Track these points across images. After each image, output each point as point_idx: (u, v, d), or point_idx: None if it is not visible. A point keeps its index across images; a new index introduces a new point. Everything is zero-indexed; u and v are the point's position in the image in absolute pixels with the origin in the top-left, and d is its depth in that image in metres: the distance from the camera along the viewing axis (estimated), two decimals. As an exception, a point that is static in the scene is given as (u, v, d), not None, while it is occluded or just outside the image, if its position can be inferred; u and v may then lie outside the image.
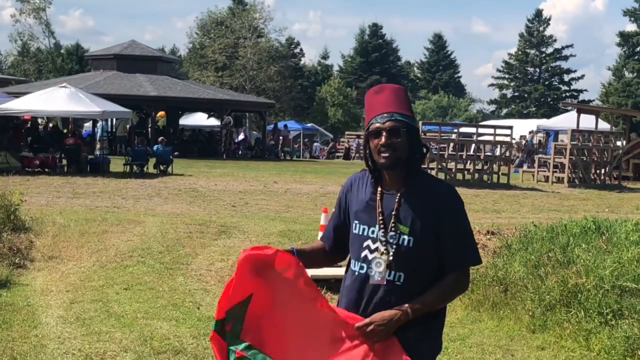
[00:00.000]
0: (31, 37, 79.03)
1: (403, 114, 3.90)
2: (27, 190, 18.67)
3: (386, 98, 3.95)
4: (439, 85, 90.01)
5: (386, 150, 3.85)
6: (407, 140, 3.88)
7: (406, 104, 3.96)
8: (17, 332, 8.38)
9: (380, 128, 3.87)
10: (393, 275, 3.86)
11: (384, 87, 4.05)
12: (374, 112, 3.93)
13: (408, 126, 3.89)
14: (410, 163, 3.92)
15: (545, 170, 32.00)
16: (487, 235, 13.68)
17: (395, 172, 3.92)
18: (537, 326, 8.99)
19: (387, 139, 3.84)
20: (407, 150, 3.88)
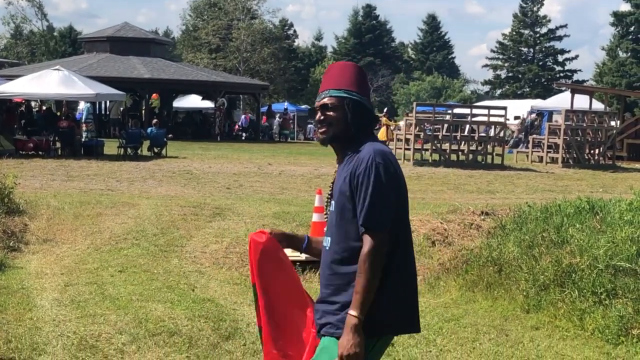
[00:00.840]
0: (24, 19, 78.91)
1: (343, 90, 3.96)
2: (21, 173, 18.63)
3: (330, 76, 4.05)
4: (432, 66, 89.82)
5: (321, 126, 3.99)
6: (343, 114, 3.93)
7: (351, 80, 4.00)
8: (12, 315, 8.38)
9: (316, 106, 4.02)
10: (326, 241, 4.02)
11: (332, 65, 4.17)
12: (319, 90, 4.07)
13: (346, 100, 3.94)
14: (345, 137, 3.99)
15: (540, 151, 32.04)
16: (482, 215, 13.70)
17: (337, 147, 4.05)
18: (532, 306, 9.01)
19: (320, 114, 3.98)
20: (344, 124, 3.94)
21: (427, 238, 12.60)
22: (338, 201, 3.92)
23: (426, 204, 17.02)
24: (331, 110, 3.94)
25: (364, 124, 4.00)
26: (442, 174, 24.40)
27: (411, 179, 22.78)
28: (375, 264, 3.78)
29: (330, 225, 3.99)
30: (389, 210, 3.83)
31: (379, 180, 3.82)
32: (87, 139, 29.28)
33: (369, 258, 3.77)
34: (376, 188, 3.81)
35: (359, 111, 3.96)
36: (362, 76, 4.08)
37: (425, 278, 10.96)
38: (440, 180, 22.61)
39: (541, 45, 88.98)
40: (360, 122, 3.96)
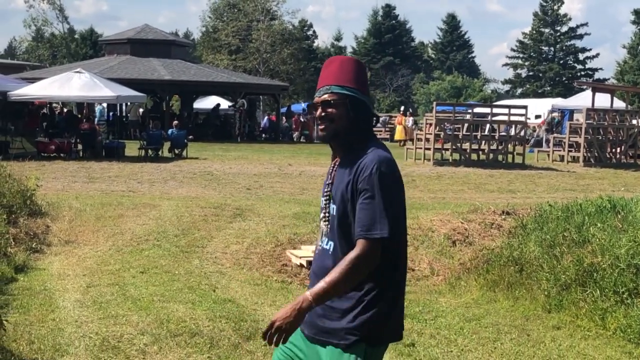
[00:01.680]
0: (45, 22, 79.27)
1: (344, 87, 3.88)
2: (43, 175, 18.75)
3: (331, 71, 3.95)
4: (452, 65, 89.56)
5: (322, 123, 3.90)
6: (345, 111, 3.86)
7: (353, 76, 3.93)
8: (35, 316, 8.43)
9: (316, 102, 3.93)
10: (327, 243, 3.93)
11: (333, 60, 4.05)
12: (318, 86, 3.97)
13: (348, 97, 3.87)
14: (348, 135, 3.89)
15: (561, 150, 31.90)
16: (502, 215, 13.67)
17: (337, 144, 3.95)
18: (553, 306, 8.99)
19: (321, 111, 3.88)
20: (346, 121, 3.86)
21: (447, 238, 12.58)
22: (340, 206, 3.84)
23: (447, 203, 17.00)
24: (333, 106, 3.87)
25: (365, 123, 3.94)
26: (463, 174, 24.35)
27: (431, 178, 22.75)
28: (357, 271, 3.71)
29: (332, 229, 3.89)
30: (387, 222, 3.72)
31: (382, 190, 3.74)
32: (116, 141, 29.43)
33: (354, 262, 3.69)
34: (378, 198, 3.73)
35: (361, 109, 3.90)
36: (363, 73, 4.01)
37: (446, 278, 10.96)
38: (460, 180, 22.56)
39: (562, 43, 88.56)
40: (361, 121, 3.91)
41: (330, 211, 3.91)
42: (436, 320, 8.79)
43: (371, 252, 3.71)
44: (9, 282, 9.94)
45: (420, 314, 9.03)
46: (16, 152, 25.79)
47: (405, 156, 29.88)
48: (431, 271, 11.37)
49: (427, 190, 20.31)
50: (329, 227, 3.92)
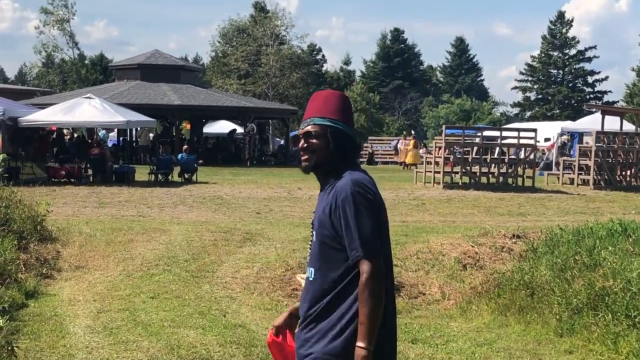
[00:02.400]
0: (55, 48, 79.63)
1: (325, 118, 3.97)
2: (53, 201, 18.79)
3: (314, 105, 4.06)
4: (461, 88, 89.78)
5: (304, 154, 4.00)
6: (326, 142, 3.95)
7: (335, 108, 4.02)
8: (46, 342, 8.43)
9: (299, 134, 4.05)
10: (310, 272, 3.97)
11: (318, 94, 4.15)
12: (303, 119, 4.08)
13: (329, 128, 3.96)
14: (329, 165, 3.98)
15: (571, 173, 31.83)
16: (513, 238, 13.64)
17: (320, 175, 4.03)
18: (565, 330, 8.94)
19: (303, 142, 4.00)
20: (327, 152, 3.95)
21: (458, 261, 12.55)
22: (318, 232, 3.91)
23: (457, 227, 16.98)
24: (314, 137, 3.96)
25: (346, 153, 4.01)
26: (473, 197, 24.31)
27: (441, 202, 22.72)
28: (377, 291, 3.76)
29: (313, 256, 3.96)
30: (377, 235, 3.82)
31: (359, 208, 3.81)
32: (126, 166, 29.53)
33: (370, 285, 3.74)
34: (359, 217, 3.80)
35: (342, 140, 3.98)
36: (347, 105, 4.10)
37: (457, 302, 10.91)
38: (470, 203, 22.53)
39: (570, 66, 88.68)
40: (342, 151, 3.98)
41: (313, 239, 3.98)
42: (447, 344, 8.76)
43: (376, 270, 3.77)
44: (20, 308, 9.94)
45: (432, 338, 9.00)
46: (26, 178, 25.85)
47: (415, 179, 29.86)
48: (442, 295, 11.34)
49: (437, 213, 20.29)
50: (310, 255, 4.00)
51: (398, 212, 20.27)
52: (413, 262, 12.87)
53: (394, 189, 26.41)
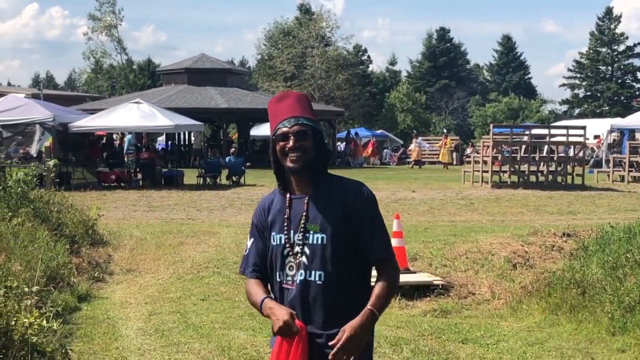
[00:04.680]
0: (104, 54, 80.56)
1: (309, 118, 3.95)
2: (104, 205, 19.01)
3: (290, 104, 3.99)
4: (509, 87, 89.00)
5: (294, 153, 3.89)
6: (313, 142, 3.92)
7: (310, 110, 4.03)
8: (99, 345, 8.53)
9: (287, 132, 3.91)
10: (310, 275, 3.88)
11: (286, 94, 4.10)
12: (279, 118, 3.97)
13: (314, 129, 3.95)
14: (316, 165, 3.96)
15: (621, 170, 31.47)
16: (563, 237, 13.53)
17: (302, 176, 3.95)
18: (617, 328, 8.84)
19: (295, 142, 3.88)
20: (313, 152, 3.92)
21: (508, 261, 12.48)
22: (332, 233, 3.86)
23: (506, 226, 16.87)
24: (306, 137, 3.91)
25: (327, 154, 4.09)
26: (522, 196, 24.13)
27: (490, 201, 22.59)
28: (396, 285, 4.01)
29: (318, 258, 3.88)
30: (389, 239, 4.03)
31: (378, 209, 3.97)
32: (175, 170, 29.83)
33: (398, 278, 4.05)
34: (380, 217, 3.96)
35: (323, 141, 4.02)
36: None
37: (508, 301, 10.85)
38: (519, 202, 22.36)
39: (619, 62, 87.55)
40: (325, 152, 4.03)
41: (313, 241, 3.89)
42: (498, 344, 8.71)
43: (398, 269, 4.07)
44: (73, 311, 10.07)
45: (482, 338, 8.96)
46: (77, 183, 26.20)
47: (463, 179, 29.72)
48: (492, 295, 11.28)
49: (485, 213, 20.17)
50: (307, 258, 3.88)
51: (446, 211, 20.20)
52: (462, 262, 12.82)
53: (442, 189, 26.32)
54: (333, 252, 3.85)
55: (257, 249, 4.11)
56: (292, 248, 3.92)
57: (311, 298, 3.87)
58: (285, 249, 3.93)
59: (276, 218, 4.01)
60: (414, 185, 27.47)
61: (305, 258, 3.89)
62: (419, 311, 10.57)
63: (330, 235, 3.86)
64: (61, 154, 26.25)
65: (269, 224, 4.04)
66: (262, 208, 4.13)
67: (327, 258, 3.86)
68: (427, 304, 10.88)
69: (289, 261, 3.93)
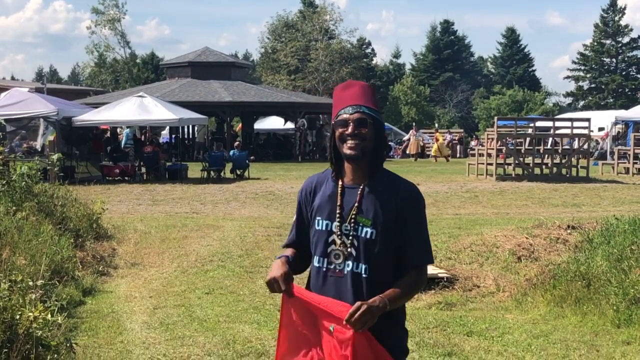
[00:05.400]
0: (107, 48, 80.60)
1: (370, 108, 3.95)
2: (108, 199, 19.01)
3: (355, 93, 3.99)
4: (513, 79, 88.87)
5: (353, 140, 3.87)
6: (373, 133, 3.92)
7: (373, 100, 4.02)
8: (103, 338, 8.54)
9: (347, 118, 3.90)
10: (357, 267, 3.87)
11: (352, 83, 4.10)
12: (342, 105, 3.98)
13: (375, 120, 3.94)
14: (374, 157, 3.95)
15: (626, 162, 31.42)
16: (568, 229, 13.51)
17: (358, 165, 3.93)
18: (622, 321, 8.83)
19: (354, 128, 3.87)
20: (373, 143, 3.91)
21: (512, 253, 12.46)
22: (380, 230, 3.86)
23: (510, 219, 16.85)
24: (366, 126, 3.91)
25: (385, 147, 4.10)
26: (526, 188, 24.10)
27: (494, 194, 22.56)
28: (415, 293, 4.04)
29: (363, 252, 3.87)
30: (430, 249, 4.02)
31: (425, 219, 3.96)
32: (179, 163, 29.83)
33: (418, 289, 3.99)
34: (425, 223, 3.95)
35: (383, 133, 4.02)
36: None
37: (512, 294, 10.84)
38: (524, 195, 22.33)
39: (624, 54, 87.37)
40: (384, 144, 4.05)
41: (360, 234, 3.88)
42: (503, 337, 8.70)
43: (425, 278, 4.03)
44: (78, 305, 10.08)
45: (487, 330, 8.95)
46: (81, 177, 26.18)
47: (467, 172, 29.69)
48: (497, 287, 11.26)
49: (490, 205, 20.15)
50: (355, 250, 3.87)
51: (451, 204, 20.18)
52: (467, 254, 12.81)
53: (446, 182, 26.29)
54: (380, 248, 3.85)
55: (297, 227, 4.17)
56: (340, 237, 3.90)
57: (358, 289, 3.86)
58: (331, 237, 3.92)
59: (324, 203, 3.99)
60: (418, 178, 27.43)
61: (354, 250, 3.87)
62: (423, 304, 10.57)
63: (380, 232, 3.85)
64: (65, 148, 26.26)
65: (314, 208, 4.03)
66: (310, 188, 4.15)
67: (374, 253, 3.85)
68: (431, 297, 10.87)
69: (334, 249, 3.92)
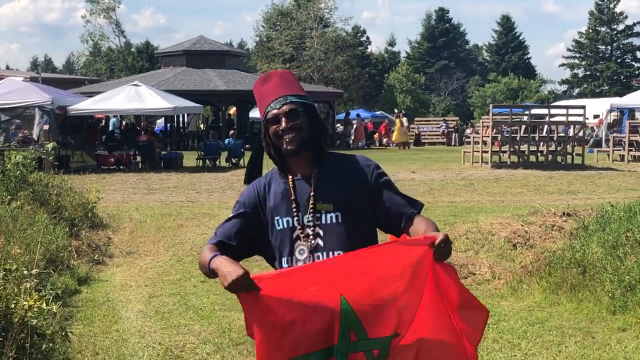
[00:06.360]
0: (102, 37, 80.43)
1: (297, 95, 3.82)
2: (103, 188, 18.99)
3: (276, 84, 3.86)
4: (508, 67, 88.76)
5: (289, 134, 3.72)
6: (307, 120, 3.78)
7: (297, 86, 3.90)
8: (99, 327, 8.54)
9: (277, 113, 3.76)
10: (329, 255, 3.70)
11: (270, 74, 3.97)
12: (267, 101, 3.84)
13: (305, 106, 3.81)
14: (315, 143, 3.80)
15: (621, 149, 31.43)
16: (563, 217, 13.51)
17: (302, 156, 3.78)
18: (618, 307, 8.84)
19: (287, 122, 3.73)
20: (309, 130, 3.77)
21: (508, 241, 12.47)
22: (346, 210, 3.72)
23: (506, 206, 16.86)
24: (298, 116, 3.76)
25: (326, 131, 3.95)
26: (521, 176, 24.11)
27: (489, 181, 22.57)
28: None
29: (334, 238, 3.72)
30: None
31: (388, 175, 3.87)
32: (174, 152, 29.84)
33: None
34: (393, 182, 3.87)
35: (317, 117, 3.88)
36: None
37: (508, 281, 10.84)
38: (519, 182, 22.34)
39: (619, 42, 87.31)
40: (322, 128, 3.90)
41: (326, 221, 3.74)
42: (499, 324, 8.71)
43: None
44: (73, 294, 10.08)
45: (482, 318, 8.94)
46: (76, 166, 26.17)
47: (463, 159, 29.68)
48: (492, 275, 11.27)
49: (485, 193, 20.16)
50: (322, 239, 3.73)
51: (446, 192, 20.18)
52: (462, 242, 12.81)
53: (442, 170, 26.29)
54: (349, 230, 3.72)
55: (233, 224, 3.85)
56: (302, 230, 3.75)
57: None
58: (295, 233, 3.76)
59: (280, 202, 3.79)
60: (414, 166, 27.42)
61: (320, 240, 3.73)
62: (419, 291, 10.55)
63: (345, 212, 3.72)
64: (60, 137, 26.23)
65: (270, 210, 3.81)
66: (256, 190, 3.89)
67: (343, 236, 3.71)
68: (427, 285, 10.86)
69: (299, 244, 3.75)
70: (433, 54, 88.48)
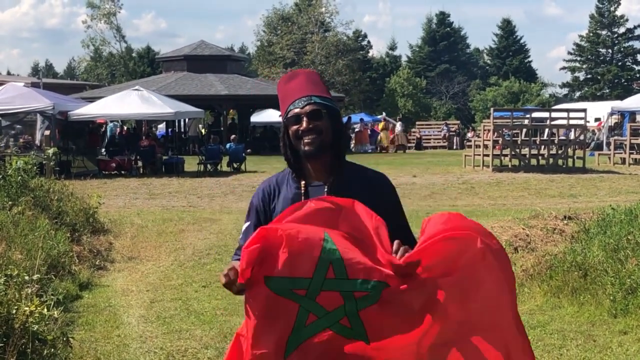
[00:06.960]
0: (103, 42, 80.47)
1: (322, 97, 3.64)
2: (104, 193, 19.00)
3: (301, 83, 3.68)
4: (509, 71, 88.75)
5: (309, 135, 3.55)
6: (329, 123, 3.59)
7: (323, 87, 3.72)
8: (100, 332, 8.53)
9: (299, 113, 3.59)
10: None
11: (296, 72, 3.80)
12: (290, 99, 3.68)
13: (329, 109, 3.62)
14: (335, 149, 3.63)
15: (622, 152, 31.43)
16: (564, 220, 13.51)
17: (319, 161, 3.62)
18: (619, 310, 8.83)
19: (308, 122, 3.56)
20: (330, 134, 3.59)
21: (509, 244, 12.46)
22: None
23: (507, 210, 16.86)
24: (320, 118, 3.58)
25: (345, 136, 3.77)
26: (523, 179, 24.11)
27: (491, 185, 22.56)
28: None
29: None
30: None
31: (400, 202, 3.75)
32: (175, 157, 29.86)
33: None
34: (403, 210, 3.74)
35: (340, 121, 3.69)
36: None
37: (509, 285, 10.82)
38: (520, 186, 22.34)
39: (619, 45, 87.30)
40: (342, 134, 3.70)
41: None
42: (500, 328, 8.68)
43: None
44: (74, 300, 10.07)
45: (484, 322, 8.93)
46: (78, 171, 26.18)
47: (464, 163, 29.68)
48: (493, 278, 11.24)
49: (486, 197, 20.16)
50: None
51: (447, 196, 20.18)
52: (463, 245, 12.79)
53: (443, 174, 26.29)
54: None
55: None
56: None
57: None
58: None
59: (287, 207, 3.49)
60: (415, 170, 27.43)
61: None
62: (420, 295, 10.55)
63: None
64: (61, 143, 26.24)
65: (276, 212, 3.65)
66: (267, 192, 3.78)
67: None
68: (428, 288, 10.85)
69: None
70: (434, 57, 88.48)
